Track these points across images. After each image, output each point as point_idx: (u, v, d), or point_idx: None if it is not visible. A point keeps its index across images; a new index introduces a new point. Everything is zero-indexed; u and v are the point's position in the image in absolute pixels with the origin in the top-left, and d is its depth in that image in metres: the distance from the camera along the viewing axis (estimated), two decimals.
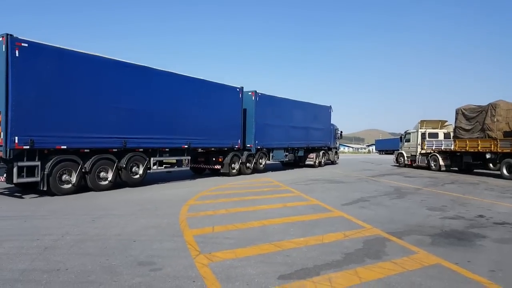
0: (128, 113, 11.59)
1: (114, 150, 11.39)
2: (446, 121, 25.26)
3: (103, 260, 4.82)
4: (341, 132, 28.08)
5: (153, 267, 4.58)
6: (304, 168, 23.10)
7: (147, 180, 13.33)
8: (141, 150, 12.24)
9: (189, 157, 14.31)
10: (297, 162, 23.09)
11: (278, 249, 5.35)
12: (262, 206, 8.98)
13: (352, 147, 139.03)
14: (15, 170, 9.17)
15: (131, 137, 11.69)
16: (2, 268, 4.44)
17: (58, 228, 6.44)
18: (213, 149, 15.83)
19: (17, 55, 9.05)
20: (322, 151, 24.72)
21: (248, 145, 17.48)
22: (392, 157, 30.15)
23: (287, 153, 20.69)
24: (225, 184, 13.83)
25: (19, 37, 9.14)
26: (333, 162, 27.30)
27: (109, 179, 11.14)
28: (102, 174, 11.03)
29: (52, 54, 9.76)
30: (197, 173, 17.26)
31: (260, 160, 18.44)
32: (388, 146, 61.48)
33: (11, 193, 10.50)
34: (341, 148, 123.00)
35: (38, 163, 9.59)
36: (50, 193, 9.94)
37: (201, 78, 14.64)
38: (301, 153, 22.40)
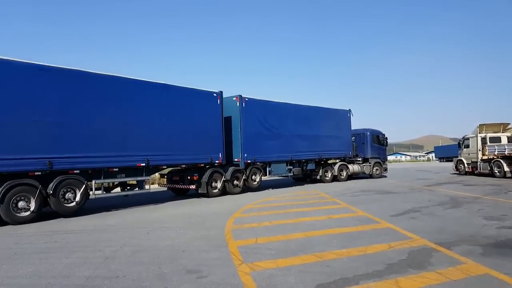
0: (55, 128, 9.72)
1: (36, 173, 9.50)
2: (509, 123, 23.46)
3: (155, 268, 5.23)
4: (387, 138, 23.64)
5: (200, 275, 4.90)
6: (319, 184, 19.45)
7: (192, 194, 13.72)
8: (77, 171, 10.26)
9: (148, 177, 12.17)
10: (309, 176, 20.00)
11: (318, 260, 5.44)
12: (306, 218, 9.06)
13: (410, 155, 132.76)
14: None
15: (60, 156, 9.77)
16: (70, 275, 5.00)
17: (117, 240, 7.04)
18: (183, 166, 13.82)
19: None
20: (340, 163, 20.84)
21: (236, 159, 15.03)
22: (452, 165, 28.25)
23: (291, 167, 17.72)
24: (270, 197, 14.03)
25: None
26: (371, 175, 22.54)
27: (31, 209, 9.30)
28: (21, 203, 9.18)
29: None
30: (178, 194, 15.14)
31: (253, 177, 15.65)
32: (449, 153, 57.78)
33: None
34: (397, 157, 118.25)
35: None
36: None
37: (163, 82, 12.55)
38: (311, 166, 19.18)
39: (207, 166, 13.99)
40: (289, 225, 8.28)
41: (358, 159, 22.39)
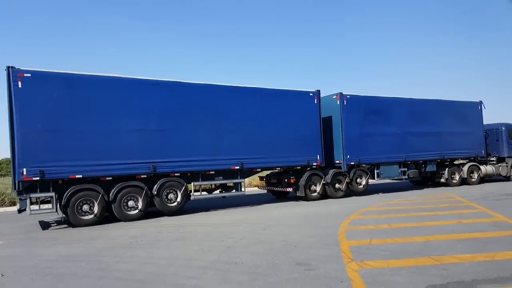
0: (157, 135, 10.63)
1: (142, 176, 10.50)
2: None
3: (269, 258, 5.71)
4: None
5: (308, 267, 5.17)
6: (445, 188, 16.85)
7: (292, 197, 13.74)
8: (177, 174, 11.04)
9: (243, 180, 12.41)
10: (430, 179, 17.66)
11: (436, 263, 5.11)
12: (431, 223, 8.40)
13: None
14: (27, 202, 9.15)
15: (162, 161, 10.64)
16: (198, 259, 5.86)
17: (238, 234, 7.81)
18: (278, 169, 13.51)
19: (19, 86, 8.89)
20: (470, 164, 17.80)
21: (337, 161, 14.17)
22: None
23: (406, 169, 15.70)
24: (394, 200, 13.27)
25: (21, 68, 9.01)
26: (509, 178, 18.88)
27: (139, 208, 10.30)
28: (131, 203, 10.23)
29: (57, 80, 9.39)
30: (278, 196, 14.97)
31: (358, 180, 14.46)
32: None
33: (197, 209, 12.94)
34: None
35: (52, 194, 9.31)
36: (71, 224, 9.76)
37: (254, 86, 12.59)
38: (431, 167, 16.72)
39: (305, 169, 13.52)
40: (410, 228, 7.85)
41: (492, 159, 18.81)
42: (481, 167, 18.06)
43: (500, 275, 4.42)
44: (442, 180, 17.23)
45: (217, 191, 12.55)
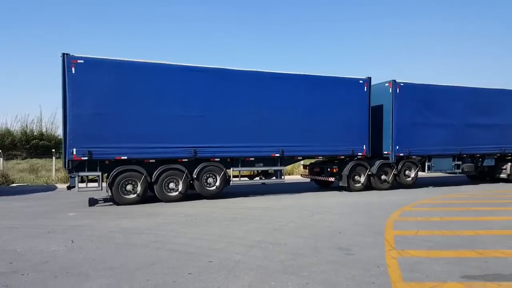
0: (199, 121, 10.91)
1: (184, 160, 10.91)
2: None
3: (311, 242, 6.08)
4: None
5: (348, 252, 5.45)
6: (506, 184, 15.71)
7: (335, 187, 13.59)
8: (217, 159, 11.35)
9: (283, 167, 12.39)
10: (488, 174, 16.40)
11: (478, 256, 5.13)
12: (486, 218, 8.15)
13: None
14: (76, 179, 9.95)
15: (203, 146, 10.98)
16: (245, 238, 6.40)
17: (285, 218, 8.25)
18: (320, 157, 13.51)
19: (73, 72, 9.52)
20: None
21: (385, 152, 13.68)
22: None
23: (460, 162, 14.84)
24: (453, 193, 12.77)
25: (75, 55, 9.59)
26: None
27: (179, 190, 10.77)
28: (171, 185, 10.72)
29: (108, 67, 9.92)
30: (322, 185, 14.61)
31: (407, 172, 13.99)
32: None
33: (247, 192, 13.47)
34: None
35: (99, 173, 10.02)
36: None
37: (300, 73, 12.34)
38: (489, 162, 15.66)
39: (349, 159, 13.26)
40: (462, 222, 7.71)
41: None
42: None
43: None
44: (503, 175, 15.97)
45: (257, 178, 12.75)
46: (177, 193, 10.79)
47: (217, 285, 4.13)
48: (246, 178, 12.68)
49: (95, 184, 10.15)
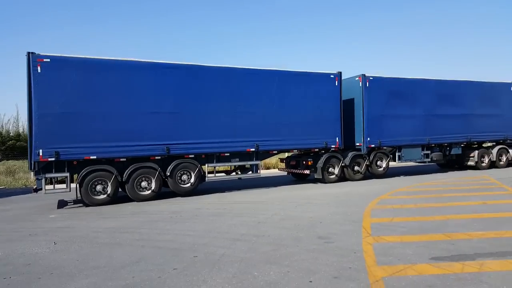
0: (171, 118, 10.88)
1: (156, 157, 10.82)
2: None
3: (294, 232, 6.31)
4: None
5: (328, 240, 5.71)
6: (479, 171, 16.37)
7: (312, 179, 13.93)
8: (191, 156, 11.29)
9: (259, 162, 12.49)
10: (457, 162, 17.13)
11: (446, 238, 5.48)
12: (456, 203, 8.60)
13: None
14: (42, 181, 9.71)
15: (176, 143, 10.92)
16: (230, 232, 6.58)
17: (270, 210, 8.47)
18: (295, 151, 13.84)
19: (39, 71, 9.30)
20: (499, 147, 17.21)
21: (357, 144, 14.12)
22: None
23: (429, 151, 15.47)
24: (427, 181, 13.31)
25: (41, 54, 9.38)
26: None
27: (152, 188, 10.63)
28: (144, 183, 10.58)
29: (75, 65, 9.75)
30: (298, 178, 14.98)
31: (378, 162, 14.41)
32: None
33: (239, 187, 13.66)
34: None
35: (67, 174, 9.82)
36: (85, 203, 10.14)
37: (274, 68, 12.53)
38: (457, 150, 16.31)
39: (323, 151, 13.58)
40: (434, 208, 8.12)
41: None
42: (510, 150, 17.42)
43: (503, 250, 4.76)
44: (471, 163, 16.76)
45: (234, 173, 12.83)
46: (149, 191, 10.65)
47: (201, 279, 4.29)
48: (223, 174, 12.75)
49: (63, 186, 9.96)
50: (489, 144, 17.55)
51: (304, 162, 13.59)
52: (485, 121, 16.57)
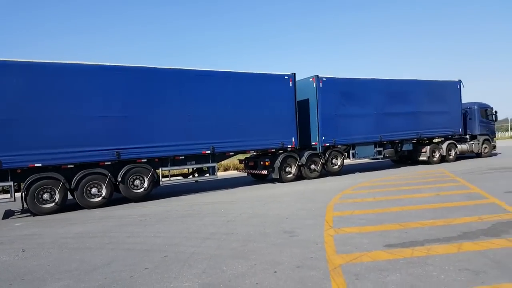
0: (121, 121, 10.62)
1: (106, 163, 10.54)
2: None
3: (261, 229, 6.62)
4: (496, 112, 20.53)
5: (293, 234, 6.07)
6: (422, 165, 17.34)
7: (272, 179, 14.37)
8: (144, 160, 11.07)
9: (215, 164, 12.46)
10: (409, 158, 18.11)
11: (400, 228, 5.97)
12: (413, 195, 9.23)
13: None
14: None
15: (127, 147, 10.67)
16: (200, 232, 6.79)
17: (238, 209, 8.75)
18: (252, 152, 13.86)
19: None
20: (448, 142, 18.26)
21: (313, 143, 14.51)
22: None
23: (381, 148, 16.08)
24: (391, 175, 14.04)
25: None
26: (480, 154, 19.75)
27: (103, 195, 10.36)
28: (94, 190, 10.27)
29: (16, 69, 9.43)
30: (258, 179, 15.11)
31: (334, 160, 14.88)
32: None
33: (215, 187, 13.83)
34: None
35: (11, 183, 9.46)
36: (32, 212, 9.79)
37: (224, 70, 12.54)
38: (408, 147, 17.10)
39: (281, 151, 13.78)
40: (392, 201, 8.69)
41: (465, 137, 19.49)
42: (458, 145, 18.66)
43: (449, 235, 5.29)
44: (423, 158, 17.69)
45: (191, 176, 12.74)
46: (100, 198, 10.38)
47: (172, 275, 4.50)
48: (181, 177, 12.77)
49: (7, 196, 9.61)
50: (438, 140, 18.60)
51: (261, 163, 13.74)
52: (434, 118, 17.54)
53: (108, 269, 4.91)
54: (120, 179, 10.60)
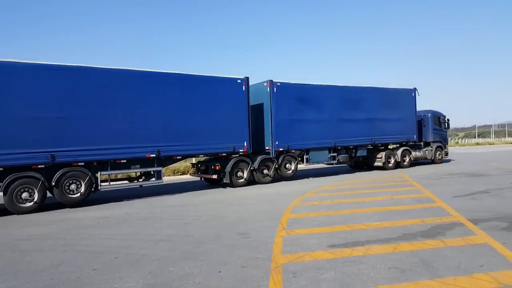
0: (58, 123, 10.14)
1: (40, 166, 9.99)
2: None
3: (217, 231, 6.76)
4: (448, 120, 21.34)
5: (246, 236, 6.25)
6: (377, 171, 17.60)
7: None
8: (81, 164, 10.60)
9: (160, 168, 12.00)
10: (365, 163, 18.50)
11: (347, 229, 6.27)
12: (368, 198, 9.62)
13: None
14: None
15: (63, 150, 10.19)
16: (156, 234, 6.85)
17: (199, 212, 8.85)
18: (202, 156, 13.57)
19: None
20: (403, 148, 18.73)
21: (267, 148, 14.41)
22: None
23: (335, 154, 16.25)
24: (354, 179, 14.48)
25: None
26: (433, 161, 20.49)
27: (34, 200, 9.84)
28: (25, 195, 9.75)
29: None
30: (212, 183, 14.86)
31: (287, 165, 14.90)
32: None
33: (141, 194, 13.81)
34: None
35: None
36: None
37: (173, 71, 12.13)
38: (362, 152, 17.33)
39: (233, 155, 13.53)
40: (347, 204, 9.04)
41: (419, 143, 20.22)
42: (412, 151, 19.27)
43: (389, 236, 5.63)
44: (379, 163, 18.11)
45: (135, 181, 12.41)
46: (32, 203, 9.86)
47: (119, 276, 4.57)
48: (126, 182, 12.43)
49: None
50: (393, 146, 19.10)
51: (212, 167, 13.50)
52: (389, 124, 17.91)
53: (56, 270, 4.91)
54: (54, 183, 10.10)
